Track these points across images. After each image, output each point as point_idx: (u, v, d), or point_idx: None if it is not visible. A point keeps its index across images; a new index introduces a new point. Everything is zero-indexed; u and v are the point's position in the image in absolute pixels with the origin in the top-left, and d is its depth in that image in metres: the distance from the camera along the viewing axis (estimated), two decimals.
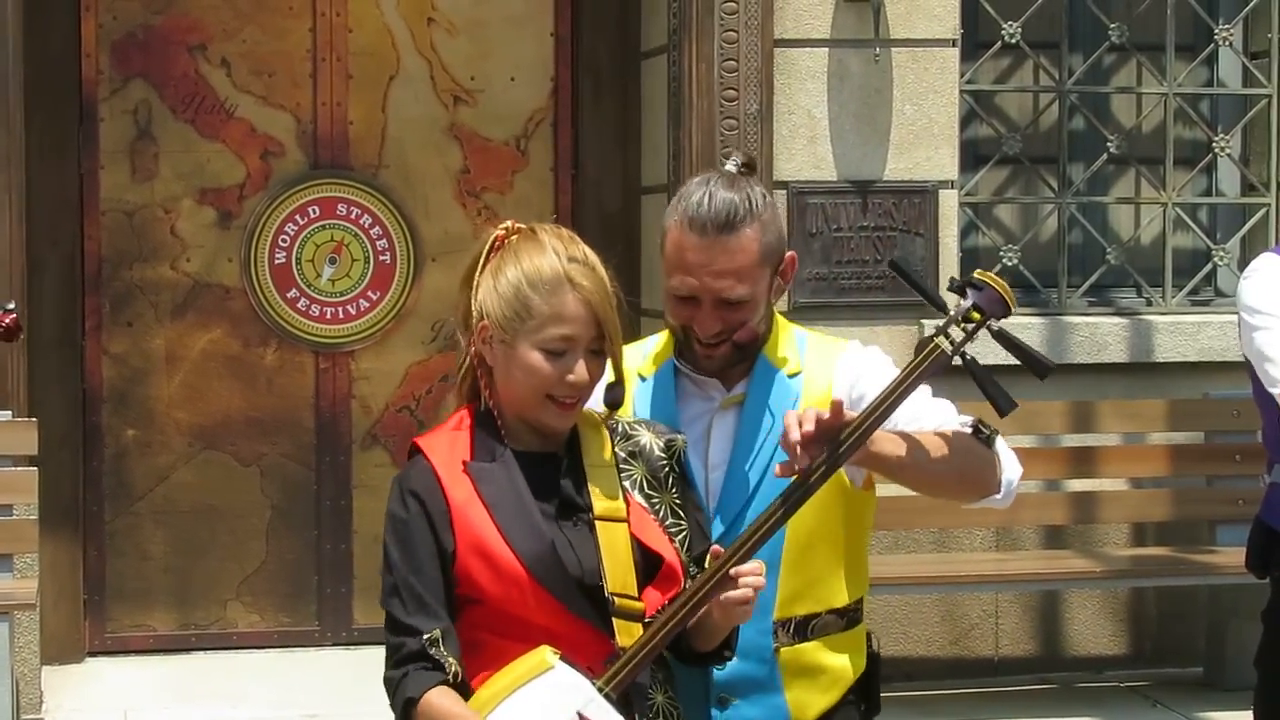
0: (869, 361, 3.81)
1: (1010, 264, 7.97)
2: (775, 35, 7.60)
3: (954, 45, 7.82)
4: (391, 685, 3.39)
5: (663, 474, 3.54)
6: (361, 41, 8.16)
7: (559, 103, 8.32)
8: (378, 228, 8.22)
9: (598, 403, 3.55)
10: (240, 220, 8.14)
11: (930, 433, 3.66)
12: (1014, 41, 8.01)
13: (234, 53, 8.10)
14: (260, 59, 8.12)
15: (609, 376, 3.51)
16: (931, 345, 3.50)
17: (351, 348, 8.24)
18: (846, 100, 7.71)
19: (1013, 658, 8.02)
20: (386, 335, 8.27)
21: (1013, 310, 3.56)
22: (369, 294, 8.23)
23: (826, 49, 7.69)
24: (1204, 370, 8.00)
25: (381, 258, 8.23)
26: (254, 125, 8.13)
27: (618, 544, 3.42)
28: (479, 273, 3.48)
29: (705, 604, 3.35)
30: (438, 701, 3.32)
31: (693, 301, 3.70)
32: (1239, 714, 7.34)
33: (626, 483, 3.50)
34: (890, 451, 3.56)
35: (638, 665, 3.34)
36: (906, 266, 3.69)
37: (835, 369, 3.79)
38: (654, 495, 3.52)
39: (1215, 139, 8.29)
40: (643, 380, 3.83)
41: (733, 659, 3.59)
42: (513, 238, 3.49)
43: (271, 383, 8.19)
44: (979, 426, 3.67)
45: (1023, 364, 3.57)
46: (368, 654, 7.88)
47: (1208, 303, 8.34)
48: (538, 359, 3.40)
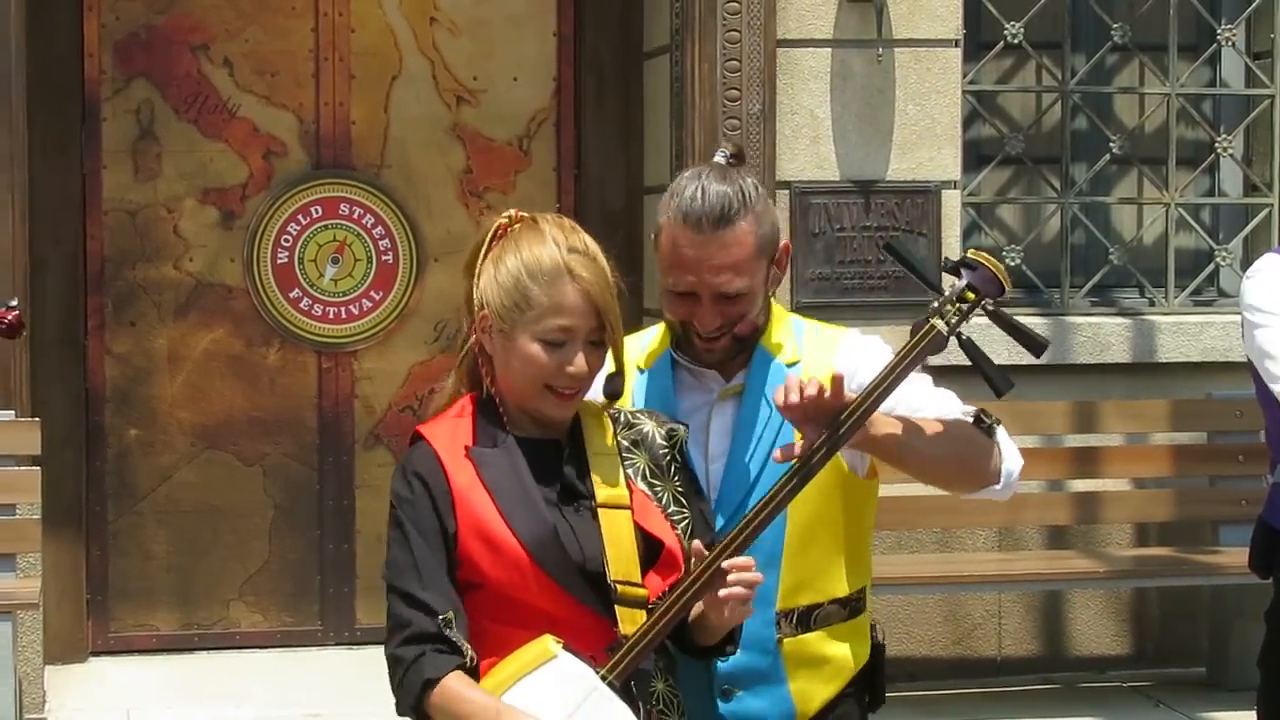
0: (868, 350, 3.80)
1: (1013, 264, 7.97)
2: (778, 35, 7.60)
3: (956, 45, 7.82)
4: (403, 664, 3.33)
5: (665, 462, 3.54)
6: (364, 41, 8.17)
7: (561, 102, 8.32)
8: (380, 227, 8.22)
9: (597, 393, 3.55)
10: (243, 220, 8.14)
11: (931, 419, 3.65)
12: (1016, 42, 8.01)
13: (236, 52, 8.10)
14: (263, 59, 8.12)
15: (610, 367, 3.50)
16: (927, 326, 3.49)
17: (354, 348, 8.24)
18: (849, 100, 7.71)
19: (1016, 658, 8.01)
20: (389, 335, 8.27)
21: (1007, 289, 3.55)
22: (371, 294, 8.23)
23: (829, 49, 7.69)
24: (1207, 370, 8.00)
25: (384, 258, 8.23)
26: (256, 125, 8.13)
27: (620, 531, 3.41)
28: (481, 260, 3.47)
29: (708, 589, 3.33)
30: (457, 686, 3.30)
31: (691, 297, 3.69)
32: (1242, 714, 7.34)
33: (629, 471, 3.50)
34: (890, 435, 3.56)
35: (640, 653, 3.34)
36: (902, 249, 3.68)
37: (834, 357, 3.78)
38: (656, 483, 3.52)
39: (1218, 139, 8.29)
40: (640, 372, 3.83)
41: (735, 652, 3.59)
42: (515, 227, 3.49)
43: (274, 382, 8.19)
44: (980, 416, 3.67)
45: (1019, 342, 3.57)
46: (370, 654, 7.87)
47: (1210, 303, 8.34)
48: (536, 350, 3.40)
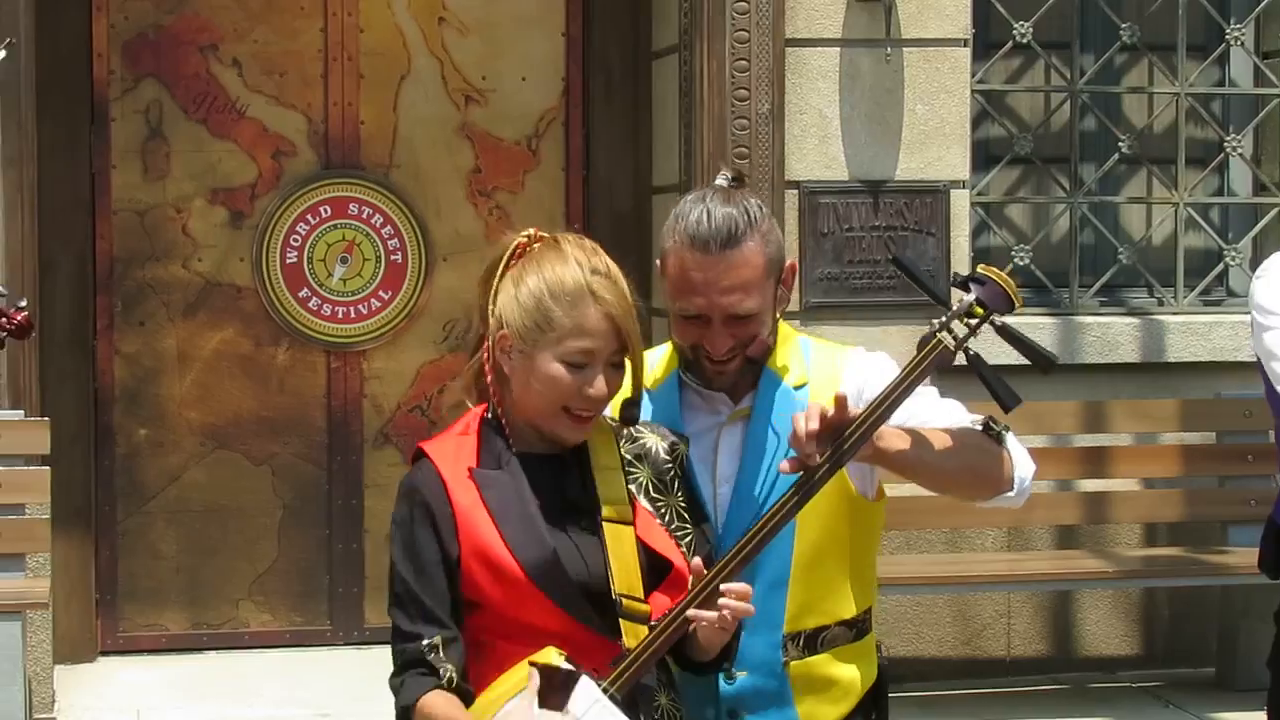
0: (875, 368, 3.77)
1: (1022, 264, 7.96)
2: (787, 35, 7.59)
3: (965, 45, 7.81)
4: (394, 693, 3.39)
5: (668, 477, 3.53)
6: (372, 41, 8.17)
7: (570, 102, 8.31)
8: (389, 227, 8.22)
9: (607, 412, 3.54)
10: (252, 220, 8.14)
11: (940, 429, 3.62)
12: (1025, 41, 8.00)
13: (245, 53, 8.10)
14: (271, 59, 8.12)
15: (626, 392, 3.48)
16: (934, 341, 3.46)
17: (363, 347, 8.24)
18: (858, 100, 7.71)
19: (1025, 658, 8.01)
20: (398, 335, 8.27)
21: (1017, 305, 3.52)
22: (380, 293, 8.23)
23: (838, 49, 7.69)
24: (1216, 370, 7.99)
25: (393, 257, 8.23)
26: (265, 125, 8.13)
27: (624, 546, 3.41)
28: (499, 278, 3.44)
29: (707, 606, 3.32)
30: (432, 705, 3.31)
31: (701, 321, 3.66)
32: (1251, 715, 7.33)
33: (632, 486, 3.48)
34: (900, 449, 3.53)
35: (641, 667, 3.33)
36: (910, 263, 3.66)
37: (841, 377, 3.75)
38: (659, 498, 3.51)
39: (1227, 139, 8.28)
40: (648, 393, 3.77)
41: (730, 669, 3.58)
42: (535, 246, 3.45)
43: (283, 382, 8.20)
44: (989, 424, 3.64)
45: (1027, 359, 3.54)
46: (379, 653, 7.80)
47: (1219, 303, 8.33)
48: (558, 370, 3.37)
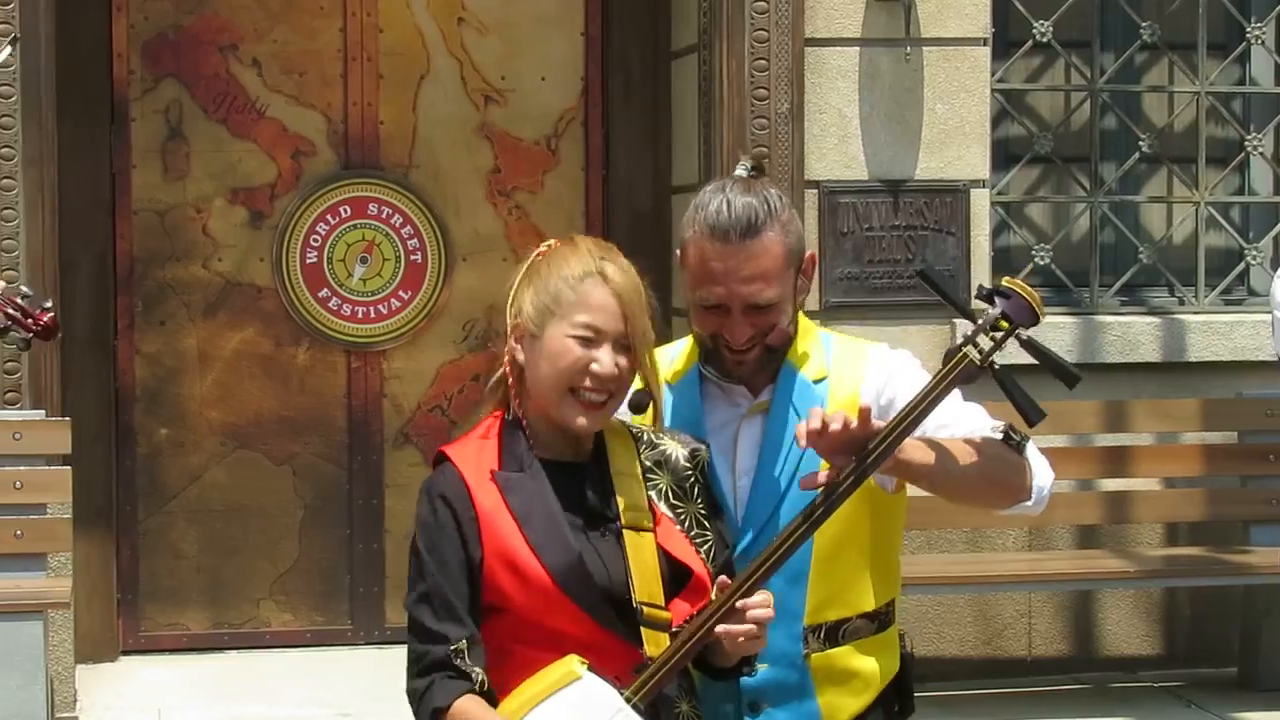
0: (898, 366, 3.76)
1: (1042, 263, 7.96)
2: (806, 34, 7.59)
3: (985, 44, 7.80)
4: (416, 695, 3.38)
5: (688, 484, 3.52)
6: (392, 41, 8.17)
7: (589, 102, 8.32)
8: (409, 227, 8.23)
9: (623, 413, 3.54)
10: (272, 220, 8.15)
11: (959, 439, 3.61)
12: (1045, 40, 7.99)
13: (265, 53, 8.11)
14: (291, 59, 8.13)
15: (637, 383, 3.48)
16: (960, 354, 3.44)
17: (383, 347, 8.25)
18: (877, 99, 7.70)
19: (1046, 658, 8.00)
20: (418, 334, 8.27)
21: (1042, 318, 3.51)
22: (400, 293, 8.24)
23: (857, 48, 7.68)
24: (1237, 369, 7.98)
25: (413, 257, 8.24)
26: (285, 125, 8.14)
27: (645, 554, 3.40)
28: (517, 282, 3.47)
29: (730, 618, 3.32)
30: (467, 709, 3.31)
31: (721, 311, 3.66)
32: (1273, 714, 7.34)
33: (652, 493, 3.48)
34: (919, 459, 3.51)
35: (665, 676, 3.33)
36: (935, 275, 3.64)
37: (863, 373, 3.74)
38: (679, 505, 3.50)
39: (1247, 138, 8.27)
40: (668, 387, 3.78)
41: (753, 674, 3.58)
42: (553, 243, 3.50)
43: (303, 382, 8.21)
44: (1009, 432, 3.63)
45: (1052, 374, 3.53)
46: (400, 653, 7.79)
47: (1240, 302, 8.31)
48: (565, 344, 3.39)
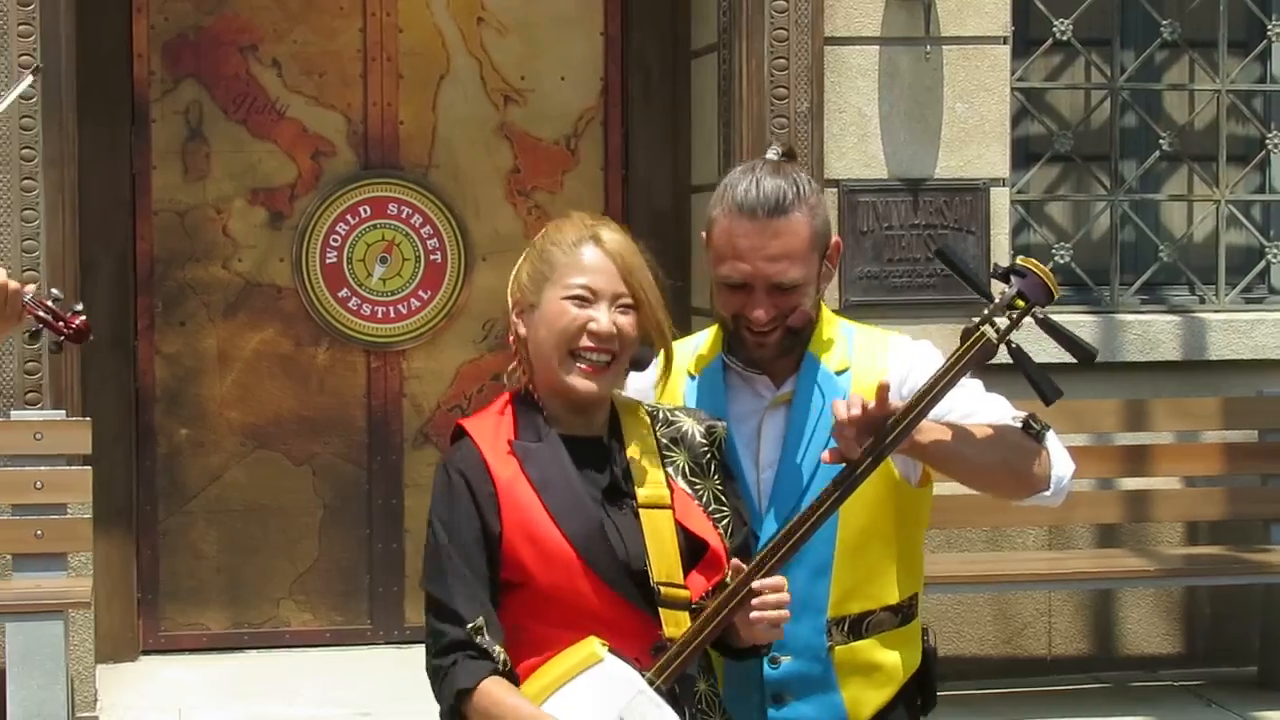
0: (920, 356, 3.76)
1: (1062, 262, 7.95)
2: (825, 33, 7.59)
3: (1005, 42, 7.79)
4: (440, 674, 3.38)
5: (705, 460, 3.53)
6: (411, 41, 8.18)
7: (609, 102, 8.32)
8: (428, 227, 8.23)
9: (635, 393, 3.55)
10: (291, 220, 8.16)
11: (980, 425, 3.61)
12: (1065, 38, 7.98)
13: (285, 53, 8.12)
14: (311, 59, 8.14)
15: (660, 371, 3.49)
16: (977, 334, 3.46)
17: (403, 347, 8.26)
18: (897, 98, 7.69)
19: (1066, 657, 7.99)
20: (437, 334, 8.28)
21: (1056, 296, 3.53)
22: (420, 293, 8.24)
23: (877, 47, 7.68)
24: (1258, 368, 7.97)
25: (432, 257, 8.24)
26: (305, 125, 8.15)
27: (662, 531, 3.40)
28: (519, 265, 3.51)
29: (748, 601, 3.33)
30: (493, 691, 3.31)
31: (745, 289, 3.66)
32: None
33: (669, 469, 3.49)
34: (938, 441, 3.52)
35: (687, 658, 3.33)
36: (954, 255, 3.66)
37: (885, 364, 3.74)
38: (696, 482, 3.51)
39: (1268, 135, 8.25)
40: (691, 378, 3.79)
41: (777, 665, 3.59)
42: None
43: (323, 382, 8.21)
44: (1030, 422, 3.63)
45: (1068, 351, 3.55)
46: (419, 653, 7.78)
47: (1261, 300, 8.30)
48: (561, 306, 3.40)
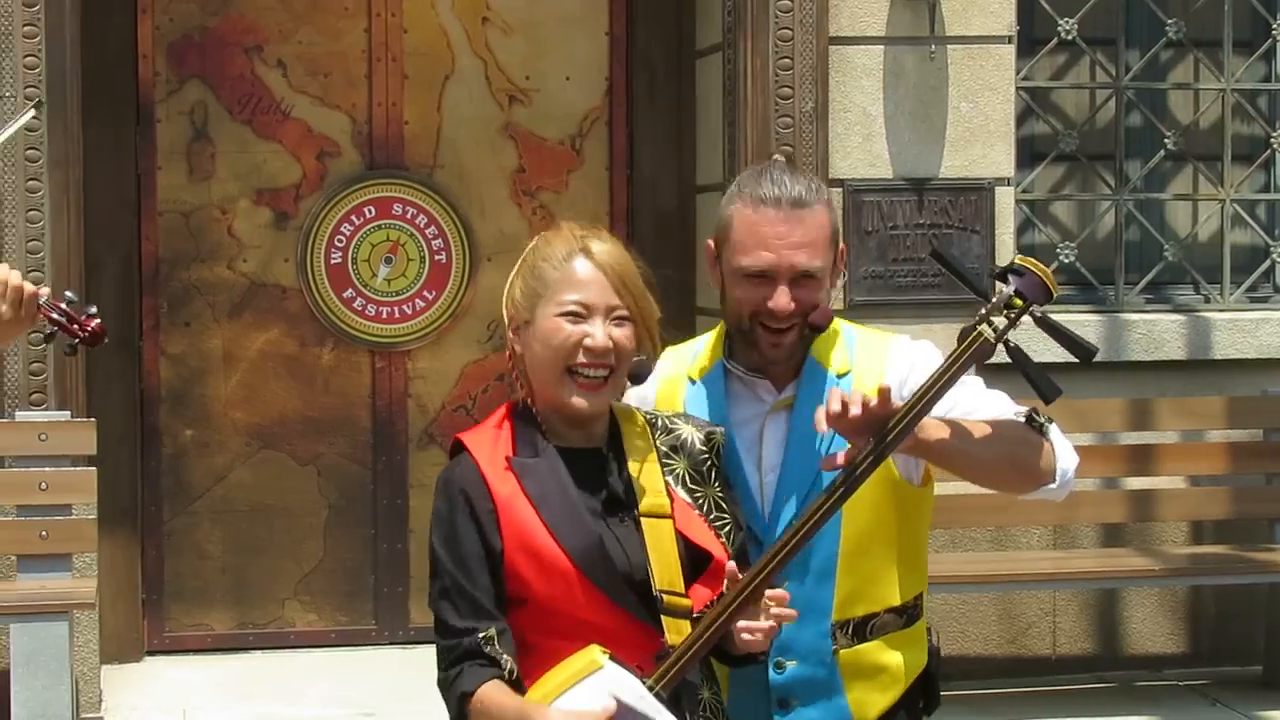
0: (921, 357, 3.77)
1: (1067, 261, 7.95)
2: (830, 33, 7.58)
3: (1010, 42, 7.79)
4: (446, 684, 3.37)
5: (705, 468, 3.53)
6: (416, 42, 8.18)
7: (614, 102, 8.32)
8: (433, 227, 8.24)
9: (638, 400, 3.54)
10: (296, 220, 8.16)
11: (981, 421, 3.62)
12: (1070, 38, 7.98)
13: (290, 54, 8.12)
14: (316, 60, 8.14)
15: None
16: (975, 333, 3.47)
17: (408, 347, 8.26)
18: (902, 98, 7.69)
19: (1070, 656, 7.99)
20: (442, 334, 8.28)
21: (1055, 295, 3.53)
22: (425, 293, 8.25)
23: (882, 46, 7.67)
24: (1263, 367, 7.96)
25: (437, 257, 8.25)
26: (310, 126, 8.16)
27: (664, 540, 3.40)
28: (512, 277, 3.50)
29: (751, 603, 3.33)
30: (493, 695, 3.31)
31: (766, 280, 3.67)
32: None
33: (669, 478, 3.48)
34: (941, 439, 3.53)
35: (687, 663, 3.33)
36: (948, 255, 3.68)
37: (885, 366, 3.76)
38: (697, 489, 3.50)
39: (1273, 134, 8.25)
40: (692, 383, 3.80)
41: (764, 660, 3.58)
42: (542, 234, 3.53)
43: (328, 382, 8.22)
44: (1032, 416, 3.65)
45: (1067, 350, 3.55)
46: (424, 653, 7.87)
47: (1266, 299, 8.29)
48: (555, 323, 3.40)
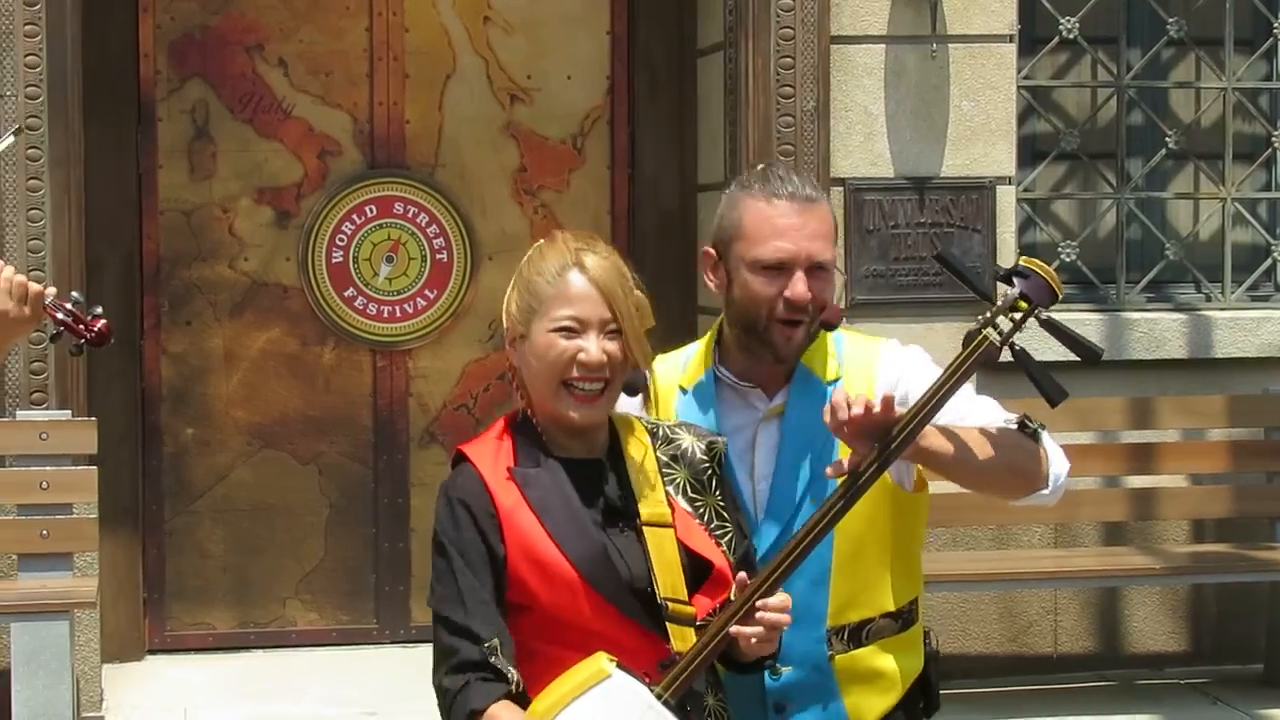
0: (910, 361, 3.78)
1: (1068, 260, 7.95)
2: (832, 32, 7.58)
3: (1011, 41, 7.79)
4: (449, 694, 3.36)
5: (706, 477, 3.53)
6: (418, 41, 8.18)
7: (615, 101, 8.32)
8: (435, 226, 8.24)
9: (637, 408, 3.54)
10: (298, 219, 8.16)
11: (976, 429, 3.62)
12: (1072, 37, 7.97)
13: (291, 52, 8.12)
14: (317, 59, 8.14)
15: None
16: (980, 337, 3.47)
17: (409, 346, 8.26)
18: (903, 97, 7.69)
19: (1072, 655, 7.99)
20: (443, 334, 8.28)
21: (1060, 297, 3.53)
22: (426, 292, 8.25)
23: (883, 45, 7.67)
24: (1264, 366, 7.96)
25: (438, 256, 8.25)
26: (311, 125, 8.16)
27: (665, 550, 3.41)
28: (509, 290, 3.50)
29: (753, 613, 3.33)
30: (501, 716, 3.30)
31: (782, 272, 3.67)
32: None
33: (670, 487, 3.48)
34: (938, 447, 3.53)
35: (694, 671, 3.33)
36: (953, 258, 3.67)
37: (875, 371, 3.76)
38: (698, 499, 3.51)
39: (1275, 133, 8.25)
40: (683, 392, 3.80)
41: (777, 676, 3.59)
42: (538, 244, 3.52)
43: (329, 381, 8.22)
44: (1024, 422, 3.65)
45: (1073, 351, 3.55)
46: (426, 652, 7.79)
47: (1267, 298, 8.29)
48: (549, 339, 3.40)
